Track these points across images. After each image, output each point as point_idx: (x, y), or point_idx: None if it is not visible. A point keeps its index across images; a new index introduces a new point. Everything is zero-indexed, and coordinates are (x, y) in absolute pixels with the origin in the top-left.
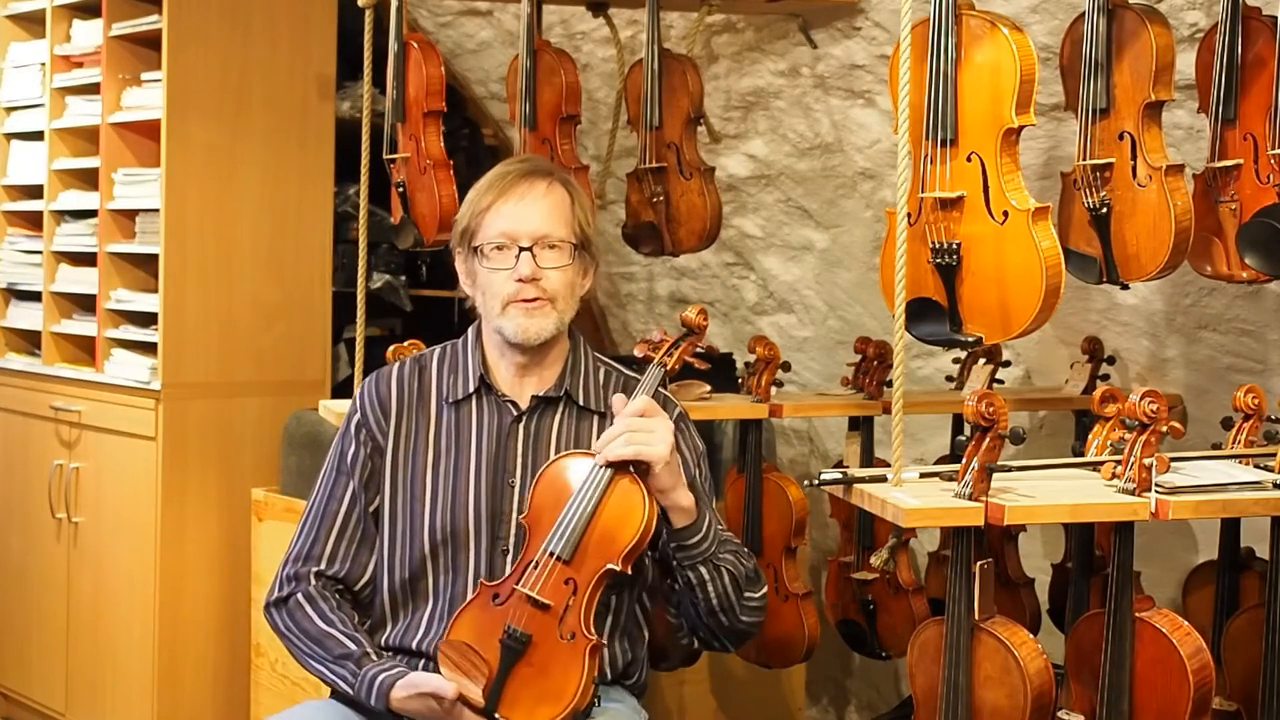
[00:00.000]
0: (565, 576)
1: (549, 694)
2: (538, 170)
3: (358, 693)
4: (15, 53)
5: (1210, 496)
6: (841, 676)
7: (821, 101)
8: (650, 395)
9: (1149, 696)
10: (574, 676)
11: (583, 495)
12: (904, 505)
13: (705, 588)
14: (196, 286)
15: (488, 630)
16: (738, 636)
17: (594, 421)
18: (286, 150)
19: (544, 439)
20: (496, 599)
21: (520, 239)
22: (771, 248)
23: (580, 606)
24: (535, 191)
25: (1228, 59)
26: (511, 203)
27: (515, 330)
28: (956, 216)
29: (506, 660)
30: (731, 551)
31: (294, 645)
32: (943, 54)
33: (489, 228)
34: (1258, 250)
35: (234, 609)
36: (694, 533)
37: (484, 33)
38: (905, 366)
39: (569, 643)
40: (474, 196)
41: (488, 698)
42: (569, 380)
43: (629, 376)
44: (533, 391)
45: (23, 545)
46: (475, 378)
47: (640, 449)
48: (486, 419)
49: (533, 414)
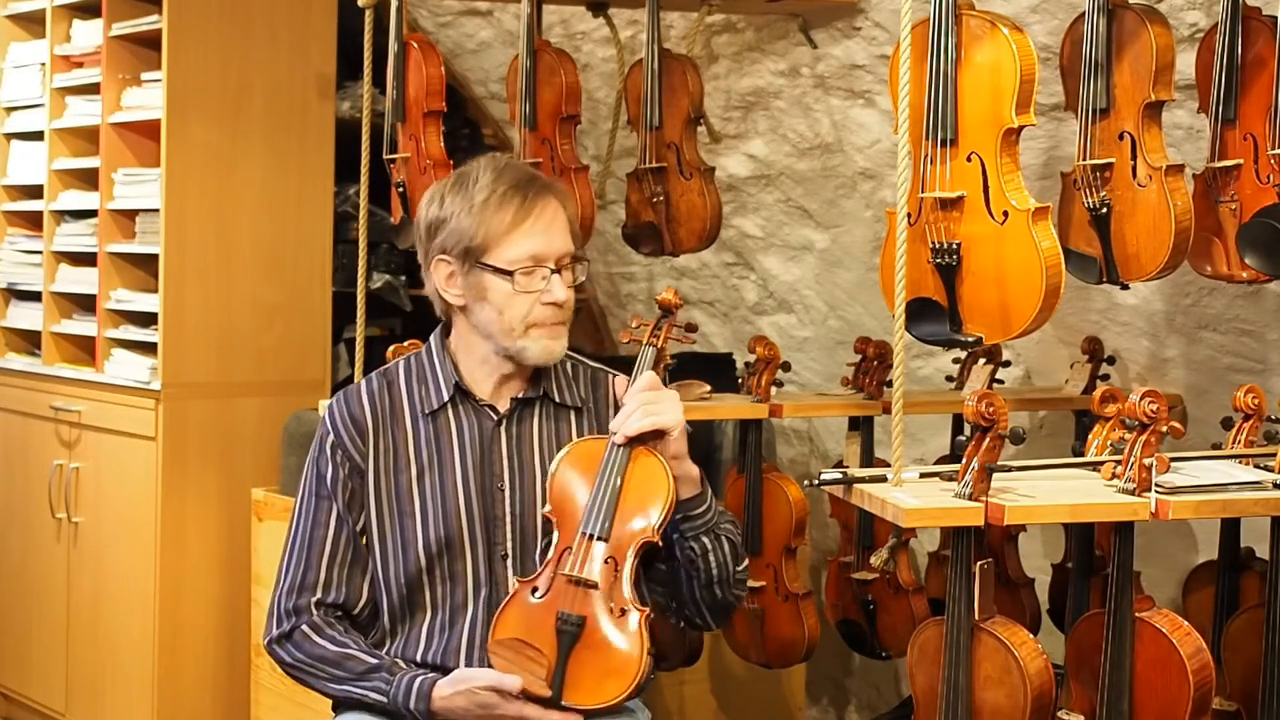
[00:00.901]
0: (606, 555)
1: (612, 670)
2: (548, 187)
3: (395, 700)
4: (15, 53)
5: (1210, 496)
6: (841, 676)
7: (821, 101)
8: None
9: (1149, 696)
10: (635, 649)
11: (607, 474)
12: (904, 505)
13: (707, 557)
14: (196, 286)
15: (536, 622)
16: (726, 611)
17: (570, 416)
18: (286, 150)
19: (526, 440)
20: (536, 592)
21: (548, 261)
22: (771, 248)
23: (624, 581)
24: (551, 210)
25: (1228, 59)
26: (541, 225)
27: (540, 353)
28: (956, 216)
29: (565, 645)
30: (729, 521)
31: (311, 674)
32: (943, 54)
33: (515, 249)
34: (1258, 250)
35: (234, 609)
36: (700, 502)
37: (484, 33)
38: (905, 366)
39: (622, 618)
40: (477, 208)
41: (552, 686)
42: (542, 379)
43: (594, 367)
44: (511, 394)
45: (23, 545)
46: (449, 386)
47: (656, 419)
48: (466, 426)
49: (512, 416)
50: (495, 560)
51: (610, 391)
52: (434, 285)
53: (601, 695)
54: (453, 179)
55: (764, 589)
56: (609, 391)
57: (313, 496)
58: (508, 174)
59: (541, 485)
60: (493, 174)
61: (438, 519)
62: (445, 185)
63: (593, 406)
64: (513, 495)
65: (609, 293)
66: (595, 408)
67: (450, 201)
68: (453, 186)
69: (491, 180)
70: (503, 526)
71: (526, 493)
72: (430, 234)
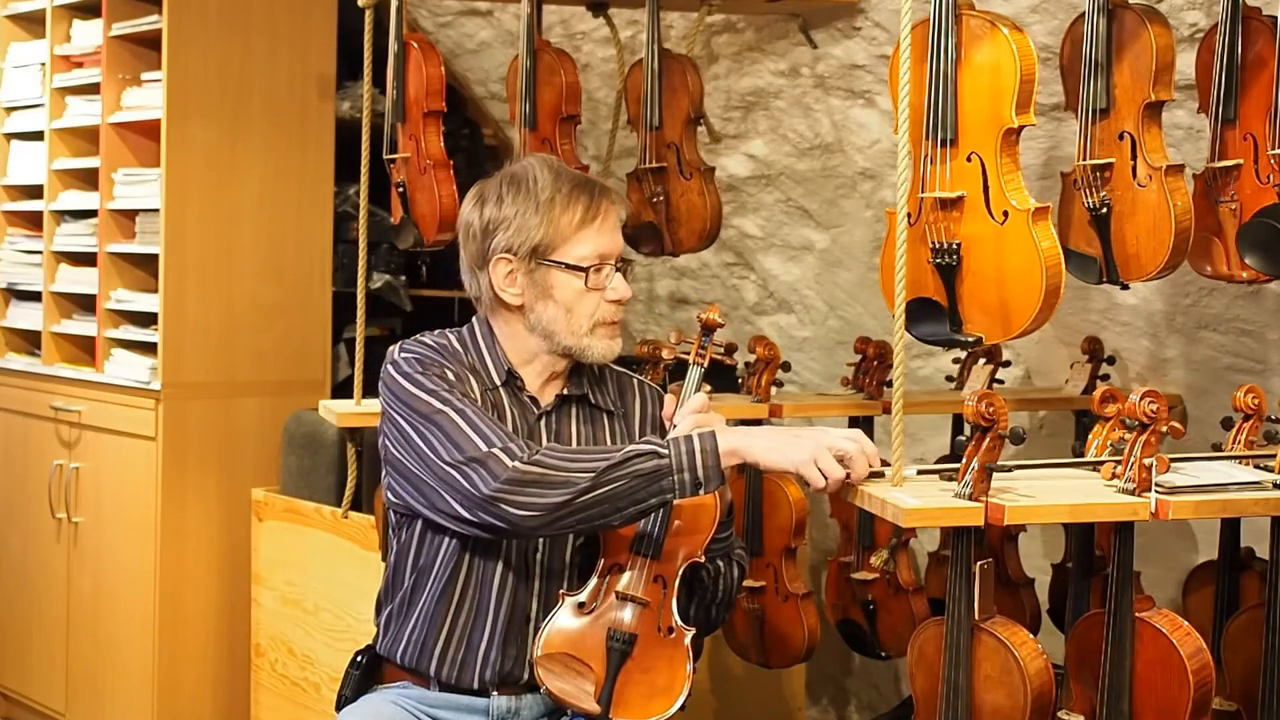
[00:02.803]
0: (655, 574)
1: (659, 689)
2: (606, 188)
3: (678, 463)
4: (15, 53)
5: (1210, 496)
6: (841, 676)
7: (821, 101)
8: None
9: (1149, 697)
10: (680, 668)
11: None
12: (904, 505)
13: (719, 580)
14: (196, 286)
15: (585, 638)
16: (710, 631)
17: (604, 419)
18: (286, 150)
19: (565, 436)
20: (583, 607)
21: (613, 259)
22: (771, 248)
23: (670, 601)
24: (613, 211)
25: (1228, 59)
26: (608, 225)
27: (603, 352)
28: (956, 216)
29: (614, 663)
30: (741, 546)
31: (559, 479)
32: (943, 54)
33: (583, 246)
34: (1258, 250)
35: (234, 609)
36: (729, 525)
37: (484, 33)
38: (905, 366)
39: (668, 637)
40: (542, 206)
41: (601, 702)
42: (582, 380)
43: (619, 372)
44: (554, 391)
45: (23, 545)
46: (501, 371)
47: None
48: (515, 411)
49: (554, 411)
50: (527, 552)
51: (640, 398)
52: (488, 284)
53: (648, 712)
54: (505, 180)
55: (764, 589)
56: (638, 398)
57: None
58: (566, 175)
59: None
60: (552, 174)
61: None
62: (499, 186)
63: (623, 411)
64: None
65: None
66: (626, 413)
67: (511, 201)
68: (510, 187)
69: (553, 180)
70: None
71: None
72: (487, 233)
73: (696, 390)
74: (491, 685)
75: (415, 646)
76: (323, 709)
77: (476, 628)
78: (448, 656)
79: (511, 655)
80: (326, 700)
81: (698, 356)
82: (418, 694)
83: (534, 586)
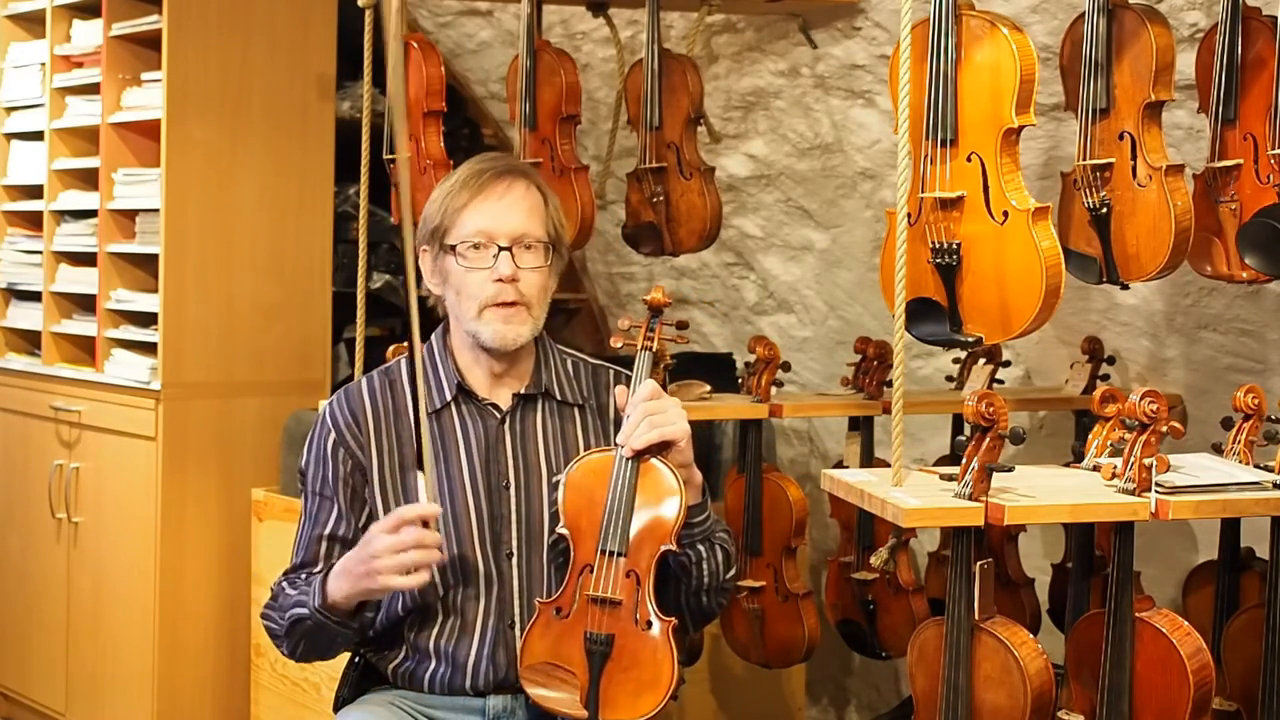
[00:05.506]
0: (626, 570)
1: (646, 684)
2: (514, 170)
3: (312, 606)
4: (15, 53)
5: (1210, 496)
6: (841, 676)
7: (821, 101)
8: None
9: (1149, 696)
10: (665, 660)
11: (618, 489)
12: (904, 505)
13: (701, 565)
14: (196, 286)
15: (564, 643)
16: (708, 619)
17: (574, 414)
18: (286, 150)
19: (532, 438)
20: (559, 612)
21: (499, 238)
22: (771, 248)
23: (646, 594)
24: (514, 192)
25: (1228, 59)
26: (491, 201)
27: (493, 336)
28: (956, 216)
29: (595, 665)
30: (723, 529)
31: (279, 626)
32: (943, 54)
33: (465, 225)
34: (1258, 250)
35: (234, 609)
36: (701, 510)
37: (484, 33)
38: (905, 366)
39: (648, 631)
40: (446, 193)
41: (588, 707)
42: (544, 376)
43: (594, 363)
44: (511, 391)
45: (23, 545)
46: (451, 385)
47: (664, 430)
48: (470, 425)
49: (515, 414)
50: (501, 559)
51: (611, 385)
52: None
53: (637, 710)
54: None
55: (764, 589)
56: (610, 386)
57: (316, 497)
58: (483, 163)
59: (548, 483)
60: (470, 164)
61: (445, 518)
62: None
63: (595, 403)
64: (519, 494)
65: (609, 293)
66: (597, 404)
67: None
68: (439, 183)
69: (467, 168)
70: (509, 525)
71: (533, 491)
72: (418, 230)
73: (648, 376)
74: (486, 690)
75: (405, 673)
76: (322, 709)
77: (461, 645)
78: (438, 675)
79: (502, 663)
80: (326, 700)
81: (646, 341)
82: (415, 695)
83: (514, 595)
